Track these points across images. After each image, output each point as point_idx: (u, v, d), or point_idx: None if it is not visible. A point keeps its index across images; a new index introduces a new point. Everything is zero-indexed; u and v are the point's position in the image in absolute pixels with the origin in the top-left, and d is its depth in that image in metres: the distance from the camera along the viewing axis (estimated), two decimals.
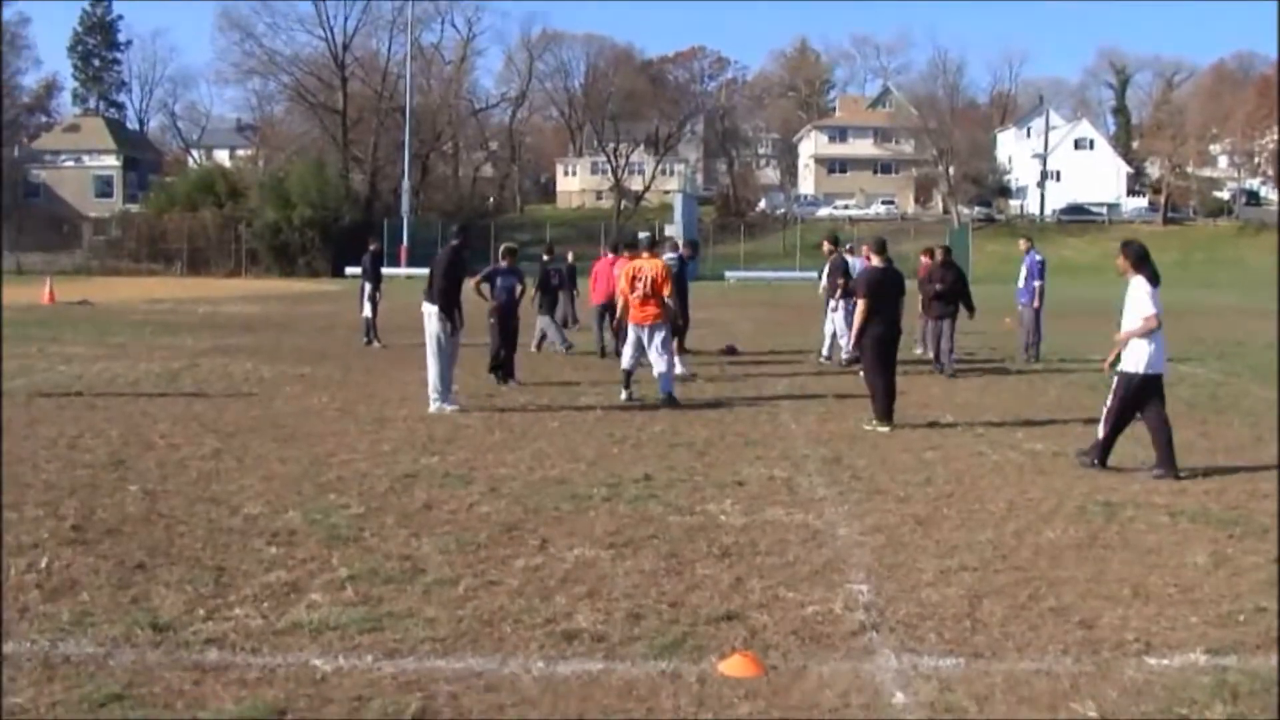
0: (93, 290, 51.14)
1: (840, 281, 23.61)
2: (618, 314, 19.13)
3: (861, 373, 16.28)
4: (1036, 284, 24.67)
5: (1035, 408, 17.50)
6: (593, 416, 16.28)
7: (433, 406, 16.40)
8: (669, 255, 22.35)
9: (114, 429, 14.66)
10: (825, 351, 24.28)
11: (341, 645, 6.90)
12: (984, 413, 16.87)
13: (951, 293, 22.16)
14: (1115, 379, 12.59)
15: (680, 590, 8.08)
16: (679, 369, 21.19)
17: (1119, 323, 12.59)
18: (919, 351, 24.53)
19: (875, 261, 16.39)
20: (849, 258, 25.00)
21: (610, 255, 25.09)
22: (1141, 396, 12.41)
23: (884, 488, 11.65)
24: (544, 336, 25.75)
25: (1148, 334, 12.25)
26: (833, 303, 23.99)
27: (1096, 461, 12.61)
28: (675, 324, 21.77)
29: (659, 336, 17.58)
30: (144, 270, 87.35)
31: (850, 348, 15.77)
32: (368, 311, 27.15)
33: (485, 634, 7.14)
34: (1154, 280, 12.41)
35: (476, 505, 10.66)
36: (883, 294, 15.81)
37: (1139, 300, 12.31)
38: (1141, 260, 12.49)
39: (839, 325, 23.87)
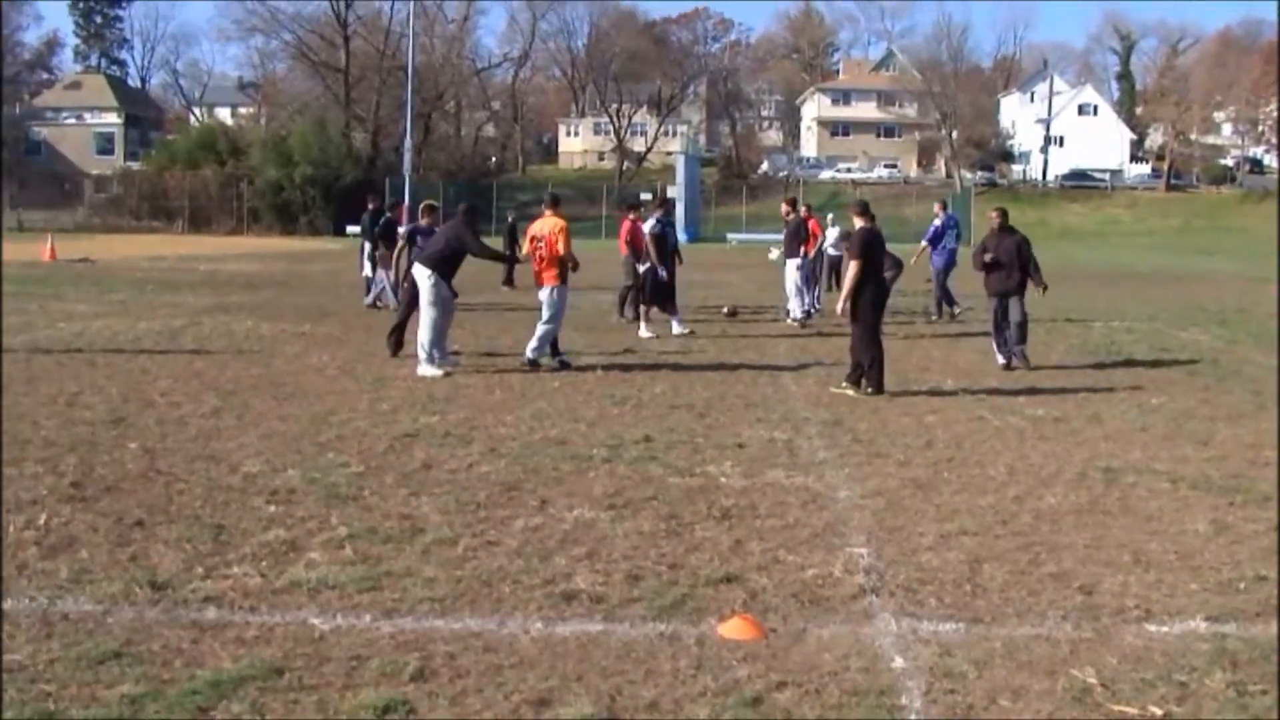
0: (94, 248, 51.03)
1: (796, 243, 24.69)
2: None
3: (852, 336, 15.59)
4: (951, 247, 25.77)
5: (1037, 373, 17.43)
6: (593, 377, 16.24)
7: (421, 369, 16.29)
8: (653, 219, 22.39)
9: (114, 386, 14.64)
10: (794, 311, 24.70)
11: (340, 604, 6.90)
12: (985, 377, 16.82)
13: (1011, 263, 17.95)
14: None
15: (680, 552, 8.07)
16: (676, 329, 21.31)
17: None
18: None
19: (859, 223, 15.67)
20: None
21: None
22: None
23: (884, 451, 11.63)
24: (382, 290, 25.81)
25: None
26: (796, 260, 24.36)
27: None
28: (644, 283, 21.95)
29: (553, 299, 16.94)
30: (145, 228, 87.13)
31: (840, 308, 15.22)
32: (368, 270, 27.06)
33: (484, 594, 7.13)
34: None
35: (476, 465, 10.65)
36: (875, 255, 15.39)
37: None
38: None
39: (790, 284, 24.75)
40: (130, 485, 9.64)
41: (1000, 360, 18.07)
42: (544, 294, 17.02)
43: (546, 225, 17.10)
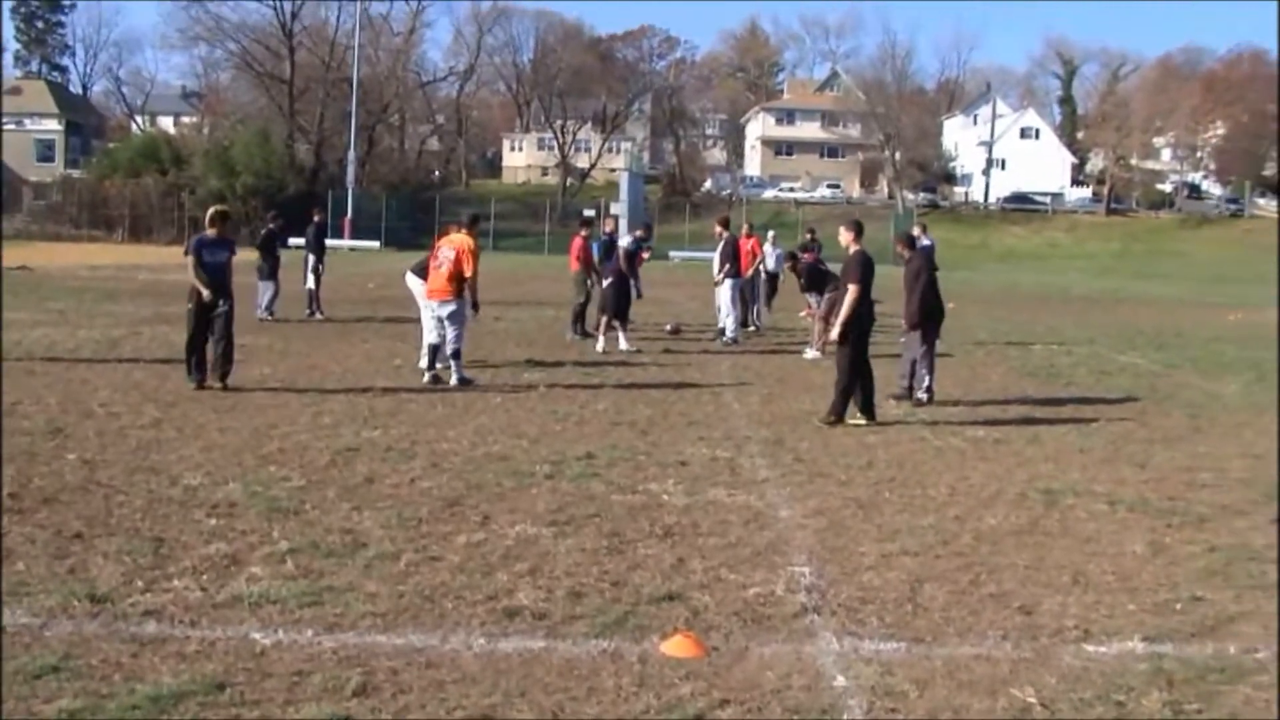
0: (32, 255, 50.49)
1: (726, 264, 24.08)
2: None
3: (836, 360, 14.85)
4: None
5: (977, 394, 17.57)
6: (535, 394, 16.22)
7: (453, 379, 16.79)
8: (627, 239, 22.73)
9: (53, 396, 14.51)
10: (728, 331, 24.38)
11: (281, 619, 6.86)
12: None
13: (909, 291, 16.52)
14: None
15: (622, 569, 8.08)
16: (623, 344, 21.36)
17: None
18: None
19: (853, 245, 14.93)
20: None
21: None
22: None
23: (826, 471, 11.68)
24: (273, 298, 26.27)
25: None
26: (730, 280, 24.19)
27: None
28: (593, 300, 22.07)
29: (450, 316, 16.74)
30: (85, 236, 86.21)
31: (836, 335, 14.51)
32: (310, 283, 26.96)
33: (426, 610, 7.12)
34: None
35: (418, 480, 10.63)
36: (870, 279, 14.67)
37: None
38: None
39: (724, 303, 24.37)
40: (69, 497, 9.56)
41: (895, 390, 16.58)
42: (442, 309, 16.75)
43: (458, 241, 16.99)
